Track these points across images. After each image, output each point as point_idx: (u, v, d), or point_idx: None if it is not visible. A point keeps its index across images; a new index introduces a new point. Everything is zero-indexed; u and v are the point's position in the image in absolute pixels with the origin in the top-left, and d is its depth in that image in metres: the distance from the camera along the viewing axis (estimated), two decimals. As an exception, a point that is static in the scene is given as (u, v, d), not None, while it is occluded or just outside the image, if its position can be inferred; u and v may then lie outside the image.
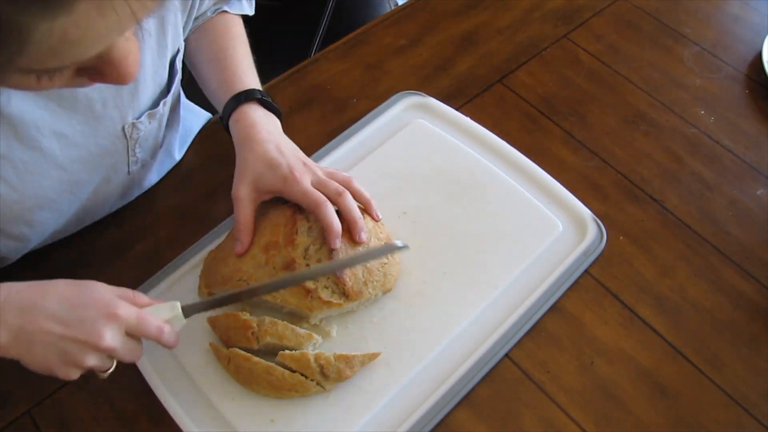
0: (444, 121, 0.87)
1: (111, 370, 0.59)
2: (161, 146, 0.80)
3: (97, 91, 0.62)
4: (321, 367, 0.63)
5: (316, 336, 0.65)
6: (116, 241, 0.79)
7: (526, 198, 0.79)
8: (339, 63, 0.96)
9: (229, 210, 0.78)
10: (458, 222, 0.77)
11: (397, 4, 1.26)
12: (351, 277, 0.66)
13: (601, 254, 0.76)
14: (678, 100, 0.91)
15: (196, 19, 0.78)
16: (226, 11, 0.81)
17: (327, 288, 0.66)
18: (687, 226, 0.79)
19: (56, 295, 0.54)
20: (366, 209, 0.72)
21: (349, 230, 0.68)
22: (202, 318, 0.70)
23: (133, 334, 0.57)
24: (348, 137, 0.85)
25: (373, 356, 0.66)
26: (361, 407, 0.65)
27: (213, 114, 0.95)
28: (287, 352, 0.63)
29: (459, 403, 0.66)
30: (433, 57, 0.97)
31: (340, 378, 0.64)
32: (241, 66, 0.77)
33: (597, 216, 0.78)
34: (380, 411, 0.65)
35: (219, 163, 0.86)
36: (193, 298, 0.72)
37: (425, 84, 0.93)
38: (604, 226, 0.77)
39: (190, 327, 0.69)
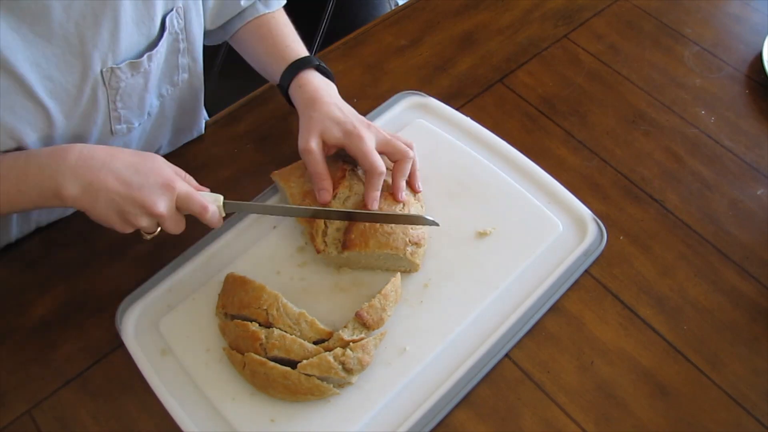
0: (444, 121, 0.87)
1: (155, 234, 0.67)
2: (149, 113, 0.79)
3: (73, 23, 0.62)
4: (342, 363, 0.63)
5: (325, 352, 0.65)
6: (116, 241, 0.79)
7: (526, 198, 0.79)
8: (339, 63, 0.96)
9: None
10: (458, 222, 0.77)
11: (397, 4, 1.26)
12: (369, 310, 0.66)
13: (601, 254, 0.76)
14: (678, 100, 0.91)
15: (231, 19, 0.83)
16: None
17: (347, 328, 0.66)
18: (687, 226, 0.79)
19: (123, 160, 0.63)
20: (410, 179, 0.76)
21: (392, 191, 0.73)
22: (202, 319, 0.70)
23: (181, 208, 0.65)
24: (348, 137, 0.85)
25: (381, 336, 0.67)
26: (361, 407, 0.65)
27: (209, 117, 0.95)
28: (306, 361, 0.63)
29: (459, 403, 0.66)
30: (433, 57, 0.97)
31: (362, 367, 0.64)
32: (290, 38, 0.82)
33: (597, 216, 0.78)
34: (380, 411, 0.65)
35: (219, 164, 0.86)
36: (193, 298, 0.72)
37: (425, 84, 0.93)
38: (604, 226, 0.77)
39: (190, 328, 0.70)
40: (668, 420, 0.66)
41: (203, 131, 0.90)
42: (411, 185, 0.76)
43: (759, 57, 0.94)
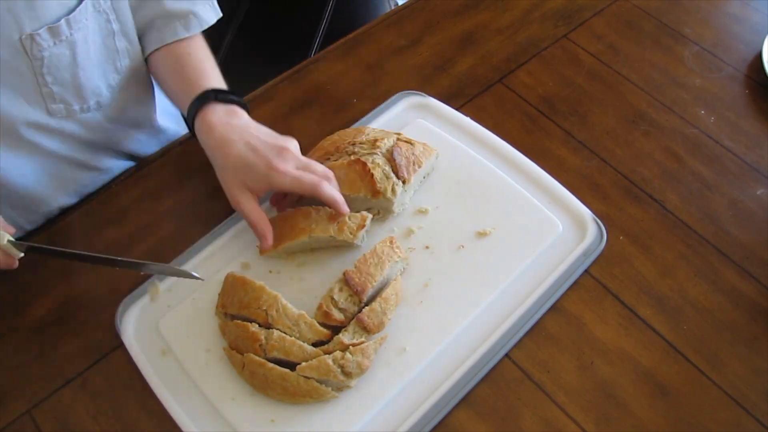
0: (444, 121, 0.87)
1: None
2: (99, 102, 0.78)
3: None
4: (341, 367, 0.63)
5: (324, 355, 0.65)
6: (116, 241, 0.79)
7: (526, 198, 0.79)
8: (339, 63, 0.96)
9: (229, 209, 0.78)
10: (458, 222, 0.77)
11: (397, 4, 1.26)
12: (369, 314, 0.66)
13: (601, 254, 0.76)
14: (678, 100, 0.91)
15: (148, 33, 0.79)
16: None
17: (347, 331, 0.66)
18: (687, 226, 0.79)
19: None
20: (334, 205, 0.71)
21: (335, 208, 0.70)
22: (202, 319, 0.70)
23: None
24: (348, 137, 0.85)
25: (381, 340, 0.67)
26: (361, 407, 0.65)
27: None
28: (305, 364, 0.63)
29: (459, 403, 0.66)
30: (433, 57, 0.97)
31: (361, 371, 0.64)
32: (196, 71, 0.77)
33: (597, 216, 0.78)
34: (380, 411, 0.65)
35: (219, 163, 0.86)
36: (193, 298, 0.72)
37: (425, 84, 0.93)
38: (604, 226, 0.77)
39: (190, 328, 0.70)
40: (668, 420, 0.66)
41: (158, 125, 0.90)
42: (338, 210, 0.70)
43: (759, 57, 0.94)
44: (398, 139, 0.77)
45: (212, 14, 0.83)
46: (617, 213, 0.80)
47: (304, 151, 0.85)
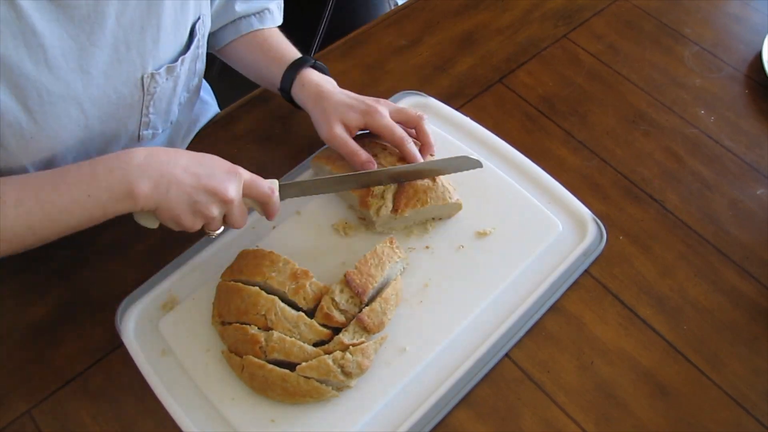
0: (444, 121, 0.87)
1: (219, 232, 0.69)
2: (171, 121, 0.82)
3: (123, 31, 0.65)
4: (341, 367, 0.63)
5: (325, 355, 0.65)
6: (116, 241, 0.79)
7: (526, 198, 0.79)
8: (339, 63, 0.96)
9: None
10: (458, 222, 0.77)
11: (397, 4, 1.26)
12: (370, 314, 0.66)
13: (601, 254, 0.76)
14: (678, 100, 0.91)
15: (230, 23, 0.84)
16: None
17: (347, 331, 0.66)
18: (687, 226, 0.79)
19: (186, 155, 0.64)
20: (424, 148, 0.78)
21: (422, 150, 0.77)
22: (202, 319, 0.70)
23: (248, 193, 0.67)
24: (348, 137, 0.85)
25: (381, 340, 0.67)
26: (361, 407, 0.65)
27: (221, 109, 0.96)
28: (305, 364, 0.63)
29: (459, 403, 0.66)
30: (433, 57, 0.97)
31: (361, 371, 0.64)
32: (283, 44, 0.84)
33: (597, 216, 0.78)
34: (380, 411, 0.65)
35: (219, 163, 0.86)
36: (193, 298, 0.72)
37: (425, 84, 0.93)
38: (604, 226, 0.77)
39: (190, 328, 0.70)
40: (668, 420, 0.66)
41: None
42: (425, 151, 0.78)
43: (759, 57, 0.94)
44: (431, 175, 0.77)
45: (279, 15, 0.88)
46: (617, 213, 0.80)
47: (305, 152, 0.85)
